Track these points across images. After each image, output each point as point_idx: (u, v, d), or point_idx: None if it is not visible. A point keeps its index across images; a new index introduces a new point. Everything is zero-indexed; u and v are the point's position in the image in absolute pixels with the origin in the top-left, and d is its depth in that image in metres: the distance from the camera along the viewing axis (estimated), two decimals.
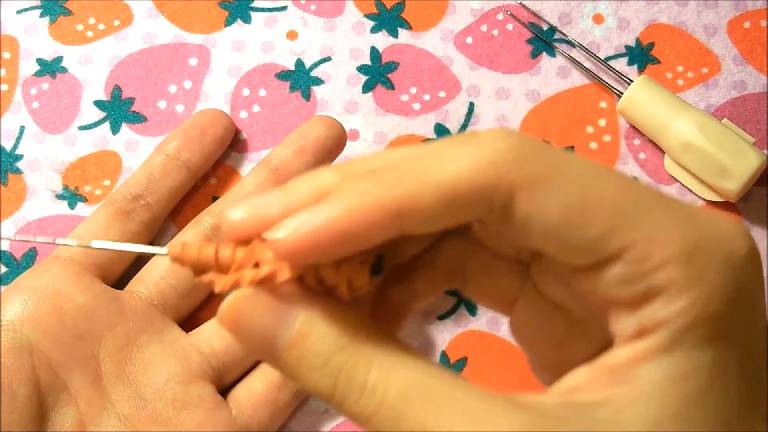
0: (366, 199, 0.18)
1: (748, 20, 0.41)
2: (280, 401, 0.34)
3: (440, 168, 0.18)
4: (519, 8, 0.41)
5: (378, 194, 0.18)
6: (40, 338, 0.31)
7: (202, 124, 0.37)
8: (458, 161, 0.18)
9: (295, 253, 0.18)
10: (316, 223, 0.18)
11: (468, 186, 0.18)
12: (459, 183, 0.18)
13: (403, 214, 0.18)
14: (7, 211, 0.38)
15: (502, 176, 0.18)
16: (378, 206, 0.18)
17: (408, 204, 0.18)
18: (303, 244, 0.18)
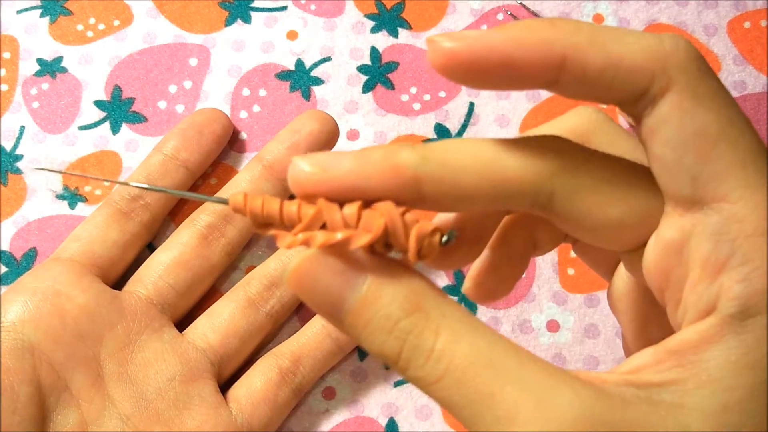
0: (535, 34, 0.18)
1: (748, 20, 0.41)
2: (280, 399, 0.34)
3: (616, 38, 0.18)
4: (519, 8, 0.41)
5: (548, 35, 0.18)
6: (41, 339, 0.31)
7: (199, 123, 0.37)
8: (635, 39, 0.18)
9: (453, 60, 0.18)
10: (485, 39, 0.18)
11: (635, 63, 0.18)
12: (628, 57, 0.18)
13: (565, 64, 0.18)
14: (7, 211, 0.38)
15: (668, 69, 0.18)
16: (547, 46, 0.18)
17: (574, 55, 0.18)
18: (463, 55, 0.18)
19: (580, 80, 0.18)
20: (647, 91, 0.18)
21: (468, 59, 0.18)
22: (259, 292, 0.35)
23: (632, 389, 0.17)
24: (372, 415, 0.36)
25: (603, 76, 0.18)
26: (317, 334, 0.35)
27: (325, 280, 0.18)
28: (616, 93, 0.18)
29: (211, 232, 0.35)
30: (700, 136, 0.18)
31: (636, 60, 0.18)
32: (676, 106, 0.18)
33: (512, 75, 0.18)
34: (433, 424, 0.36)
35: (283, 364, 0.34)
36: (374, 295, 0.18)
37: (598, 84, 0.18)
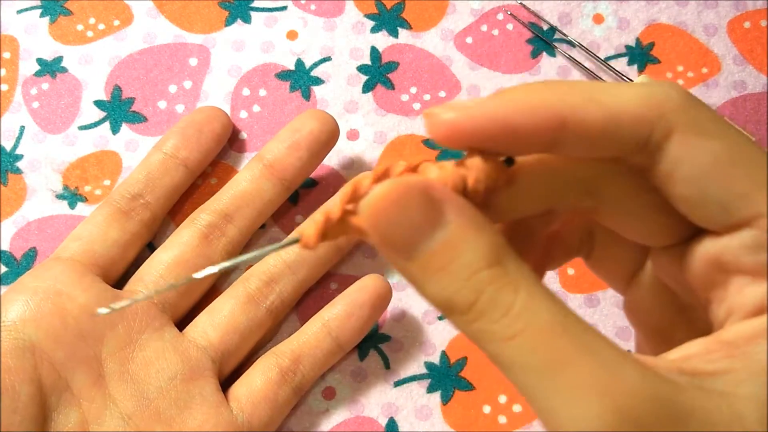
0: (535, 98, 0.18)
1: (748, 20, 0.41)
2: (280, 398, 0.34)
3: (609, 94, 0.18)
4: (519, 8, 0.41)
5: (548, 98, 0.18)
6: (42, 338, 0.31)
7: (199, 121, 0.37)
8: (628, 92, 0.18)
9: (454, 131, 0.18)
10: (484, 107, 0.18)
11: (633, 114, 0.18)
12: (626, 109, 0.18)
13: (566, 124, 0.18)
14: (7, 211, 0.38)
15: (665, 116, 0.18)
16: (546, 109, 0.18)
17: (573, 115, 0.18)
18: (464, 126, 0.18)
19: (582, 139, 0.18)
20: (649, 139, 0.18)
21: (469, 130, 0.18)
22: (258, 288, 0.35)
23: (684, 376, 0.17)
24: (372, 415, 0.36)
25: (605, 132, 0.18)
26: (317, 333, 0.35)
27: (409, 214, 0.17)
28: (619, 146, 0.18)
29: (211, 231, 0.35)
30: (716, 165, 0.18)
31: (633, 111, 0.18)
32: (684, 145, 0.18)
33: (513, 141, 0.18)
34: (433, 424, 0.36)
35: (283, 363, 0.34)
36: (458, 239, 0.17)
37: (600, 140, 0.18)
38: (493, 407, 0.36)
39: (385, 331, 0.37)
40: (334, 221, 0.19)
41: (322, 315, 0.35)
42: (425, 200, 0.17)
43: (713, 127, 0.18)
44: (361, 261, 0.38)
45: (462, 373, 0.36)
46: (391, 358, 0.37)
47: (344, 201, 0.18)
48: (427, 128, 0.19)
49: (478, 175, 0.18)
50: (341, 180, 0.39)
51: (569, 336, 0.17)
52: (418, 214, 0.17)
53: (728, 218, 0.18)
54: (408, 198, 0.17)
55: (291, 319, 0.37)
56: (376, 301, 0.35)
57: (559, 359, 0.16)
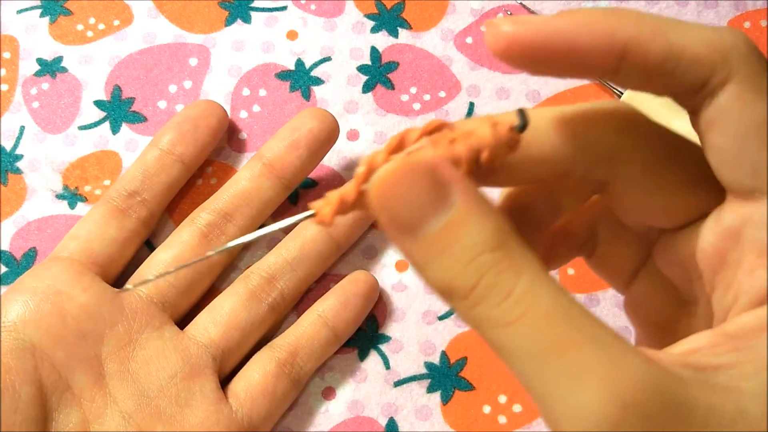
0: (598, 21, 0.18)
1: (748, 20, 0.41)
2: (279, 391, 0.34)
3: (677, 30, 0.18)
4: (519, 8, 0.42)
5: (611, 23, 0.18)
6: (42, 338, 0.31)
7: (194, 116, 0.37)
8: (696, 31, 0.18)
9: (514, 44, 0.18)
10: (548, 24, 0.18)
11: (697, 54, 0.18)
12: (690, 48, 0.18)
13: (627, 52, 0.18)
14: (7, 211, 0.38)
15: (729, 61, 0.18)
16: (609, 33, 0.18)
17: (636, 43, 0.18)
18: (525, 38, 0.18)
19: (641, 70, 0.18)
20: (707, 82, 0.18)
21: (530, 44, 0.18)
22: (260, 285, 0.35)
23: (688, 370, 0.17)
24: (372, 415, 0.36)
25: (664, 67, 0.18)
26: (313, 324, 0.35)
27: (414, 194, 0.17)
28: (676, 84, 0.18)
29: (211, 230, 0.35)
30: (761, 127, 0.18)
31: (698, 51, 0.18)
32: (736, 97, 0.18)
33: (573, 62, 0.18)
34: (433, 424, 0.36)
35: (280, 356, 0.34)
36: (462, 221, 0.17)
37: (659, 74, 0.18)
38: (493, 407, 0.36)
39: (385, 331, 0.37)
40: (349, 203, 0.19)
41: (316, 307, 0.36)
42: (431, 181, 0.17)
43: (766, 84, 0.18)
44: (360, 261, 0.38)
45: (462, 373, 0.36)
46: (391, 358, 0.37)
47: (359, 182, 0.18)
48: (487, 39, 0.18)
49: (489, 147, 0.18)
50: (341, 180, 0.39)
51: (572, 323, 0.16)
52: (423, 194, 0.17)
53: (755, 182, 0.18)
54: (414, 178, 0.17)
55: (290, 319, 0.37)
56: (368, 292, 0.36)
57: (561, 345, 0.16)
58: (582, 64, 0.18)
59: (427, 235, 0.17)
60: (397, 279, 0.38)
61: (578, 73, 0.19)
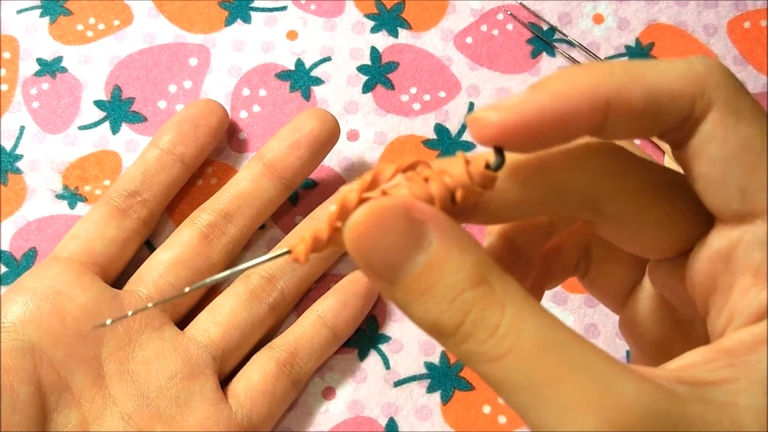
0: (577, 84, 0.18)
1: (748, 20, 0.41)
2: (279, 392, 0.34)
3: (650, 71, 0.18)
4: (519, 8, 0.42)
5: (589, 82, 0.18)
6: (41, 339, 0.31)
7: (194, 116, 0.37)
8: (668, 70, 0.18)
9: (503, 132, 0.18)
10: (529, 103, 0.18)
11: (674, 92, 0.18)
12: (668, 86, 0.18)
13: (611, 105, 0.18)
14: (7, 211, 0.38)
15: (707, 90, 0.18)
16: (590, 94, 0.18)
17: (617, 95, 0.18)
18: (512, 124, 0.18)
19: (626, 118, 0.18)
20: (690, 115, 0.18)
21: (521, 127, 0.18)
22: (260, 285, 0.35)
23: (685, 387, 0.17)
24: (372, 415, 0.36)
25: (648, 110, 0.18)
26: (313, 324, 0.35)
27: (389, 238, 0.17)
28: (661, 123, 0.18)
29: (211, 231, 0.35)
30: (745, 150, 0.18)
31: (675, 87, 0.18)
32: (718, 124, 0.18)
33: (562, 131, 0.18)
34: (433, 424, 0.36)
35: (280, 356, 0.34)
36: (440, 260, 0.17)
37: (644, 118, 0.18)
38: (493, 407, 0.36)
39: (385, 331, 0.37)
40: (323, 241, 0.18)
41: (316, 307, 0.36)
42: (407, 222, 0.17)
43: (749, 110, 0.18)
44: None
45: (462, 373, 0.36)
46: (391, 358, 0.37)
47: (332, 220, 0.18)
48: (473, 133, 0.18)
49: (463, 186, 0.18)
50: (341, 181, 0.39)
51: (559, 353, 0.16)
52: (399, 237, 0.17)
53: (743, 206, 0.18)
54: (388, 221, 0.17)
55: (290, 319, 0.37)
56: (367, 292, 0.36)
57: (549, 377, 0.16)
58: (571, 130, 0.18)
59: (407, 277, 0.17)
60: None
61: (568, 138, 0.18)
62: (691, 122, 0.18)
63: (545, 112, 0.18)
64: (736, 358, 0.17)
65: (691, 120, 0.18)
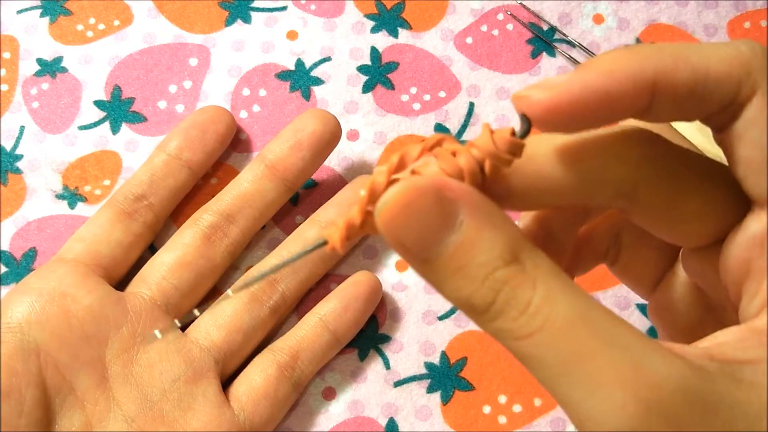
0: (624, 65, 0.18)
1: (748, 20, 0.41)
2: (280, 395, 0.34)
3: (696, 53, 0.18)
4: (519, 8, 0.42)
5: (636, 63, 0.18)
6: (46, 340, 0.31)
7: (202, 122, 0.37)
8: (713, 52, 0.18)
9: (549, 111, 0.18)
10: (577, 82, 0.18)
11: (720, 73, 0.18)
12: (712, 69, 0.18)
13: (657, 87, 0.18)
14: (7, 211, 0.38)
15: (753, 72, 0.18)
16: (636, 73, 0.18)
17: (663, 77, 0.18)
18: (560, 103, 0.18)
19: (672, 101, 0.18)
20: (735, 98, 0.18)
21: (567, 106, 0.18)
22: (261, 288, 0.35)
23: (715, 364, 0.17)
24: (372, 415, 0.36)
25: (694, 92, 0.18)
26: (315, 327, 0.35)
27: (421, 219, 0.17)
28: (706, 106, 0.18)
29: (213, 232, 0.35)
30: None
31: (722, 69, 0.18)
32: (763, 108, 0.18)
33: (608, 112, 0.18)
34: (433, 424, 0.36)
35: (281, 359, 0.34)
36: (472, 239, 0.17)
37: (690, 100, 0.18)
38: (493, 407, 0.36)
39: (385, 331, 0.37)
40: (357, 226, 0.18)
41: (317, 310, 0.35)
42: (438, 202, 0.17)
43: None
44: (360, 261, 0.38)
45: (462, 373, 0.36)
46: (391, 358, 0.37)
47: (363, 205, 0.18)
48: (521, 111, 0.18)
49: (492, 155, 0.18)
50: (341, 181, 0.39)
51: (590, 329, 0.16)
52: (431, 217, 0.17)
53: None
54: (420, 202, 0.17)
55: (291, 321, 0.37)
56: (369, 295, 0.36)
57: (581, 353, 0.16)
58: (617, 111, 0.18)
59: (440, 257, 0.17)
60: (397, 279, 0.38)
61: (613, 119, 0.18)
62: (735, 105, 0.18)
63: (592, 91, 0.18)
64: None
65: (735, 103, 0.18)
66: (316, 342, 0.35)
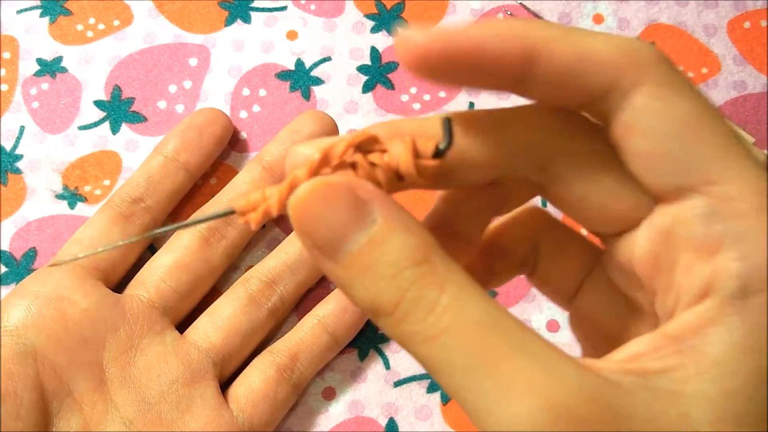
0: (507, 27, 0.17)
1: (748, 20, 0.41)
2: (279, 396, 0.34)
3: (585, 35, 0.18)
4: (519, 8, 0.42)
5: (522, 29, 0.17)
6: (44, 343, 0.31)
7: (199, 124, 0.37)
8: (604, 37, 0.18)
9: (425, 55, 0.17)
10: (457, 31, 0.17)
11: (605, 56, 0.17)
12: (599, 50, 0.17)
13: (537, 54, 0.17)
14: (7, 211, 0.38)
15: (639, 63, 0.17)
16: (519, 38, 0.17)
17: (546, 46, 0.17)
18: (436, 48, 0.17)
19: (551, 75, 0.17)
20: (617, 85, 0.17)
21: (445, 55, 0.17)
22: (260, 289, 0.35)
23: (630, 377, 0.16)
24: (372, 415, 0.36)
25: (573, 70, 0.17)
26: (314, 329, 0.35)
27: (333, 214, 0.17)
28: (586, 88, 0.18)
29: (211, 234, 0.35)
30: (682, 123, 0.17)
31: (606, 53, 0.17)
32: (653, 97, 0.17)
33: (485, 69, 0.18)
34: (433, 424, 0.36)
35: (280, 361, 0.34)
36: (383, 238, 0.17)
37: (568, 78, 0.18)
38: None
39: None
40: (273, 215, 0.18)
41: (316, 312, 0.36)
42: (350, 199, 0.17)
43: (685, 86, 0.18)
44: None
45: None
46: (391, 358, 0.37)
47: (282, 197, 0.18)
48: (399, 52, 0.18)
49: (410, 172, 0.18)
50: None
51: (500, 333, 0.16)
52: (342, 213, 0.17)
53: (682, 180, 0.17)
54: (333, 197, 0.17)
55: (290, 321, 0.37)
56: None
57: (489, 357, 0.16)
58: (494, 70, 0.18)
59: (349, 254, 0.17)
60: None
61: (488, 80, 0.18)
62: (618, 92, 0.17)
63: (474, 45, 0.17)
64: (683, 344, 0.17)
65: (619, 90, 0.17)
66: (314, 344, 0.35)
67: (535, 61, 0.17)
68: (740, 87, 0.40)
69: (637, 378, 0.16)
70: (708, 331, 0.17)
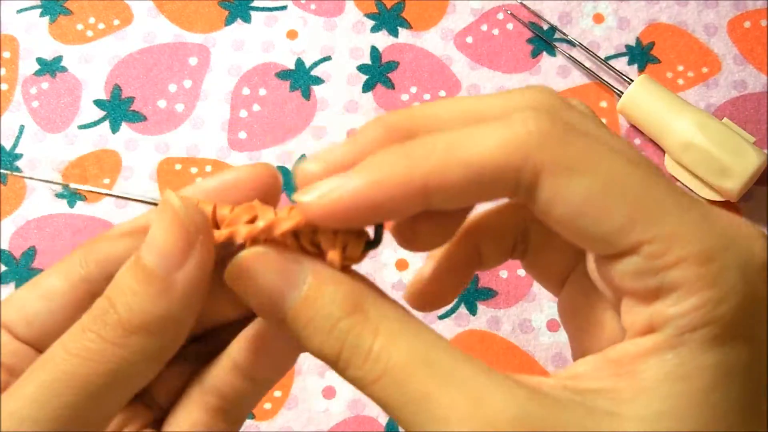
0: (394, 171, 0.18)
1: (748, 20, 0.41)
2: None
3: (468, 145, 0.18)
4: (519, 8, 0.41)
5: (405, 169, 0.18)
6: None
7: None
8: (487, 140, 0.18)
9: (322, 217, 0.18)
10: (344, 190, 0.18)
11: (495, 165, 0.18)
12: (486, 162, 0.18)
13: (429, 190, 0.18)
14: (7, 209, 0.38)
15: (529, 158, 0.18)
16: (405, 180, 0.18)
17: (434, 180, 0.18)
18: (330, 210, 0.18)
19: (449, 197, 0.18)
20: (519, 183, 0.18)
21: (339, 214, 0.18)
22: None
23: (568, 393, 0.18)
24: (372, 414, 0.36)
25: (469, 188, 0.18)
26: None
27: (266, 278, 0.18)
28: (488, 194, 0.18)
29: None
30: (588, 201, 0.18)
31: (496, 160, 0.18)
32: (553, 185, 0.18)
33: (382, 215, 0.18)
34: None
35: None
36: (315, 294, 0.18)
37: (467, 194, 0.18)
38: None
39: None
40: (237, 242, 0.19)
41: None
42: (280, 263, 0.18)
43: (583, 160, 0.18)
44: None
45: None
46: None
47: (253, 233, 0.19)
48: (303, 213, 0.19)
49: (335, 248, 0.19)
50: None
51: (429, 370, 0.17)
52: (274, 277, 0.18)
53: (611, 249, 0.18)
54: (264, 263, 0.18)
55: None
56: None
57: (421, 394, 0.17)
58: (392, 214, 0.18)
59: (289, 312, 0.18)
60: (398, 278, 0.38)
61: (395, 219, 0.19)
62: (523, 189, 0.18)
63: (361, 200, 0.18)
64: (622, 368, 0.18)
65: (522, 187, 0.18)
66: None
67: (432, 195, 0.18)
68: (740, 86, 0.40)
69: (575, 395, 0.18)
70: (645, 359, 0.18)
